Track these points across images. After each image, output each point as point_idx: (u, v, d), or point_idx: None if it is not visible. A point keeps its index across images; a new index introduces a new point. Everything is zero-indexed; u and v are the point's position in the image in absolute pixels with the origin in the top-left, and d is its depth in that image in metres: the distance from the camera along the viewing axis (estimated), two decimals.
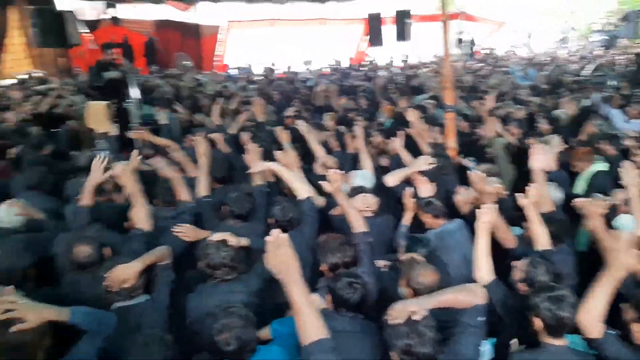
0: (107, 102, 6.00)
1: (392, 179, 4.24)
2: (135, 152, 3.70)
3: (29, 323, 2.04)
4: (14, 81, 9.80)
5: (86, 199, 3.54)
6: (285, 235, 1.89)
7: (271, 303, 3.17)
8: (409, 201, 3.93)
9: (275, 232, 1.89)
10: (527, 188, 3.20)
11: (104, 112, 5.70)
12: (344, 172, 3.36)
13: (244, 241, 3.21)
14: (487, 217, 2.87)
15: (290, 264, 1.86)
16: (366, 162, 4.84)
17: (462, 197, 3.91)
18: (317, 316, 1.89)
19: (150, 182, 4.40)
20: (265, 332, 2.66)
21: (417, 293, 2.72)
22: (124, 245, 3.26)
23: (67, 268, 3.20)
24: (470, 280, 2.85)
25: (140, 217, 3.26)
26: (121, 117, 6.31)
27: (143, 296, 2.82)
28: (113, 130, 5.64)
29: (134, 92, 6.43)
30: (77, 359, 2.22)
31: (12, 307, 2.04)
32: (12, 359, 2.03)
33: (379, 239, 3.78)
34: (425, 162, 4.25)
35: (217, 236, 2.99)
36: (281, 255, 1.84)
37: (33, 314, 2.06)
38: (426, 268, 2.85)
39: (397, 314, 2.11)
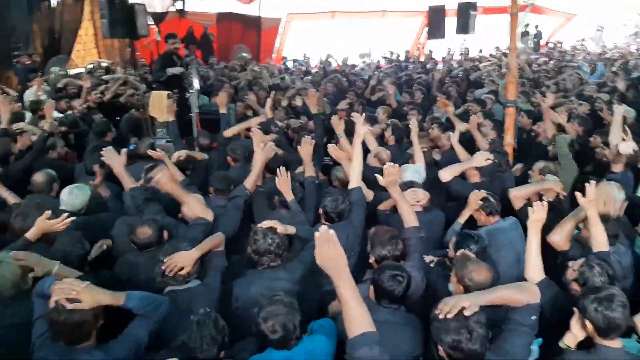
0: (169, 92, 6.22)
1: (447, 174, 4.17)
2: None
3: (84, 304, 2.16)
4: (83, 70, 10.31)
5: (127, 183, 3.76)
6: (333, 232, 1.89)
7: (315, 292, 3.23)
8: (475, 201, 3.80)
9: (324, 229, 1.89)
10: (586, 186, 3.06)
11: (165, 102, 5.90)
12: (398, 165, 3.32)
13: (290, 229, 3.26)
14: (539, 215, 2.81)
15: (338, 260, 1.86)
16: (419, 155, 4.78)
17: (517, 193, 3.79)
18: (364, 310, 1.90)
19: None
20: None
21: (467, 290, 2.67)
22: (186, 232, 3.37)
23: (125, 249, 3.36)
24: (521, 279, 2.78)
25: (198, 209, 3.37)
26: (182, 106, 6.52)
27: (195, 281, 2.90)
28: (172, 118, 5.84)
29: (195, 83, 6.62)
30: (128, 340, 2.33)
31: (72, 289, 2.18)
32: (69, 336, 2.17)
33: (428, 235, 3.73)
34: (483, 158, 4.14)
35: (265, 223, 3.05)
36: (329, 251, 1.85)
37: (90, 296, 2.19)
38: (480, 265, 2.79)
39: (448, 307, 2.08)
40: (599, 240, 3.00)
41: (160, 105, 6.13)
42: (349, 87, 9.61)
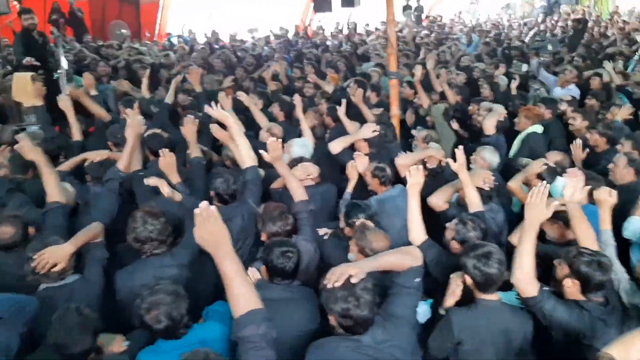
0: (33, 73, 5.61)
1: (336, 146, 4.21)
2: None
3: None
4: None
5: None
6: (214, 208, 1.81)
7: (212, 274, 3.11)
8: (352, 171, 3.95)
9: (204, 204, 1.80)
10: (456, 151, 3.23)
11: (30, 84, 5.33)
12: (281, 140, 3.28)
13: (177, 196, 3.14)
14: (416, 179, 2.93)
15: (220, 237, 1.78)
16: (306, 131, 4.82)
17: (402, 161, 3.93)
18: (250, 288, 1.84)
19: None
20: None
21: None
22: (45, 220, 3.10)
23: None
24: (410, 244, 2.89)
25: (51, 188, 3.11)
26: (51, 89, 5.92)
27: (73, 276, 2.71)
28: (40, 102, 5.30)
29: (63, 63, 6.05)
30: None
31: None
32: None
33: (322, 208, 3.78)
34: (370, 130, 4.24)
35: (152, 181, 2.91)
36: (210, 227, 1.77)
37: None
38: (378, 233, 2.86)
39: (335, 277, 2.09)
40: (473, 201, 3.21)
41: (25, 89, 5.54)
42: (238, 63, 9.36)
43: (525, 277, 2.37)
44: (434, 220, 3.31)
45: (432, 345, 2.51)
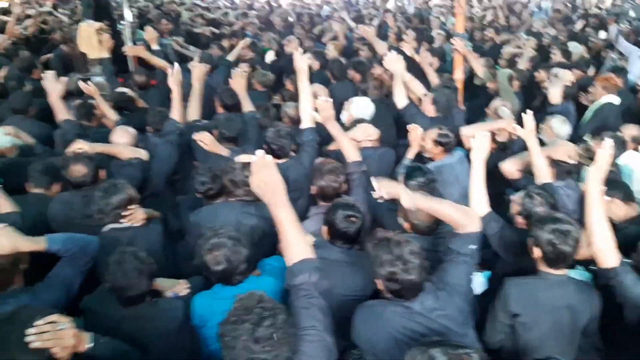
0: (99, 23, 5.73)
1: (400, 99, 4.08)
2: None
3: (3, 249, 1.99)
4: (5, 4, 9.36)
5: (61, 113, 3.49)
6: (270, 157, 1.82)
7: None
8: (415, 136, 3.77)
9: (260, 152, 1.81)
10: (524, 116, 3.04)
11: (95, 36, 5.45)
12: (331, 100, 3.19)
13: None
14: (481, 145, 2.73)
15: (276, 186, 1.79)
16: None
17: (468, 132, 3.76)
18: (303, 237, 1.84)
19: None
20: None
21: (414, 227, 2.62)
22: (120, 170, 3.20)
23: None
24: None
25: (128, 152, 3.25)
26: (114, 40, 6.04)
27: None
28: (106, 54, 5.42)
29: (127, 15, 6.13)
30: (56, 282, 2.20)
31: None
32: None
33: (378, 171, 3.68)
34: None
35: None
36: (266, 176, 1.78)
37: (8, 241, 2.02)
38: None
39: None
40: (541, 171, 3.02)
41: (90, 40, 5.66)
42: (297, 22, 9.25)
43: (605, 244, 2.23)
44: (497, 193, 3.15)
45: (487, 326, 2.43)
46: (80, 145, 3.16)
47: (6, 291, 2.07)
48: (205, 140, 3.42)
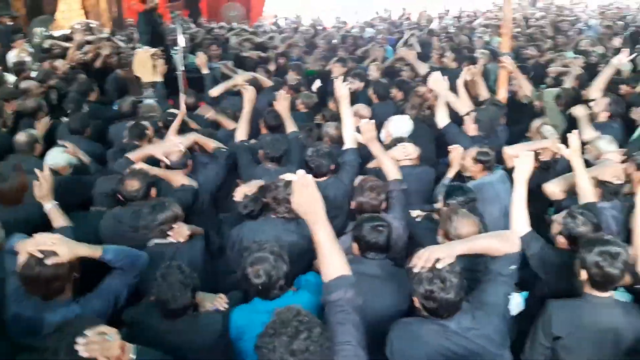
0: (155, 49, 6.04)
1: (442, 118, 4.11)
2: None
3: (62, 257, 2.12)
4: (68, 31, 10.01)
5: (136, 158, 3.64)
6: (310, 176, 1.87)
7: None
8: (456, 155, 3.77)
9: (301, 172, 1.86)
10: (569, 136, 2.99)
11: (150, 61, 5.74)
12: (373, 121, 3.27)
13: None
14: (525, 165, 2.68)
15: (316, 204, 1.84)
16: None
17: (512, 151, 3.72)
18: (340, 255, 1.88)
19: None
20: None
21: None
22: (174, 193, 3.36)
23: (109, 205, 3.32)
24: None
25: (181, 180, 3.42)
26: (167, 65, 6.35)
27: None
28: (159, 78, 5.69)
29: (181, 41, 6.43)
30: (105, 293, 2.30)
31: (49, 241, 2.13)
32: (43, 290, 2.13)
33: (417, 190, 3.71)
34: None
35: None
36: (307, 195, 1.83)
37: (67, 248, 2.14)
38: (467, 218, 2.70)
39: (422, 261, 2.02)
40: (586, 192, 2.94)
41: (145, 65, 5.98)
42: (340, 44, 9.40)
43: None
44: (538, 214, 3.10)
45: (526, 348, 2.38)
46: (140, 165, 3.34)
47: (57, 300, 2.19)
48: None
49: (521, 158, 2.70)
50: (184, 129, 4.68)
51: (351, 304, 1.83)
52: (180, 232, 2.84)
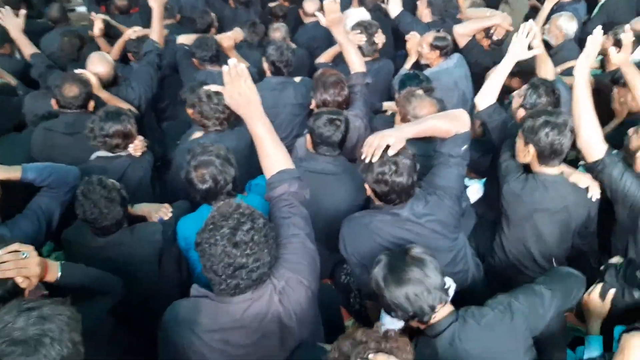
0: None
1: (394, 6, 3.83)
2: None
3: None
4: None
5: (27, 48, 3.40)
6: (243, 66, 1.68)
7: None
8: (413, 43, 3.56)
9: (232, 62, 1.68)
10: (622, 35, 2.52)
11: None
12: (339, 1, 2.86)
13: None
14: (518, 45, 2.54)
15: (251, 97, 1.69)
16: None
17: (462, 30, 3.52)
18: (281, 149, 1.76)
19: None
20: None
21: None
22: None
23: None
24: None
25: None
26: None
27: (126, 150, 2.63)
28: None
29: None
30: (34, 213, 2.11)
31: None
32: None
33: (376, 84, 3.50)
34: None
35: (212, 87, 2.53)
36: (240, 87, 1.67)
37: None
38: (424, 99, 2.54)
39: (372, 149, 1.85)
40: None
41: None
42: None
43: (591, 136, 2.10)
44: None
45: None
46: (82, 71, 2.99)
47: None
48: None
49: (518, 41, 2.54)
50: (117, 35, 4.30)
51: (297, 197, 1.74)
52: (140, 147, 2.61)
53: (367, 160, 1.87)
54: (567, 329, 2.08)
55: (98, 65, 3.13)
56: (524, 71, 2.97)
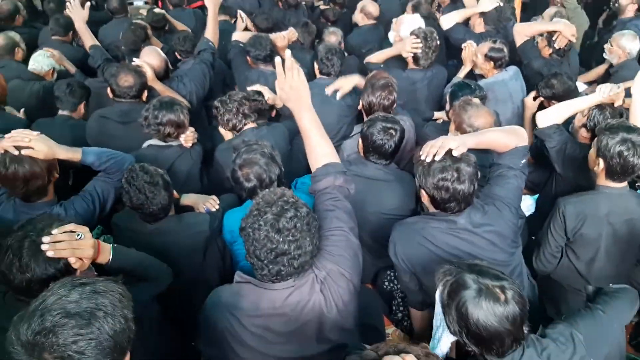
0: None
1: (448, 20, 3.80)
2: None
3: (39, 153, 1.94)
4: None
5: (88, 40, 3.46)
6: (295, 62, 1.71)
7: None
8: (469, 52, 3.48)
9: (288, 53, 1.69)
10: None
11: None
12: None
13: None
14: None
15: (302, 90, 1.71)
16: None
17: (522, 28, 3.43)
18: (327, 143, 1.77)
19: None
20: None
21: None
22: None
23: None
24: None
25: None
26: None
27: (177, 141, 2.68)
28: None
29: None
30: (90, 196, 2.14)
31: (25, 136, 1.94)
32: (22, 190, 1.97)
33: (428, 93, 3.48)
34: (490, 2, 3.74)
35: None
36: (293, 80, 1.69)
37: (45, 146, 1.97)
38: (481, 109, 2.48)
39: (434, 149, 1.81)
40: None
41: None
42: None
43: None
44: None
45: (540, 250, 2.25)
46: (146, 69, 3.06)
47: (39, 202, 2.04)
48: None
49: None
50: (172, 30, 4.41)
51: (341, 192, 1.73)
52: (191, 137, 2.67)
53: (427, 160, 1.82)
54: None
55: (151, 57, 3.20)
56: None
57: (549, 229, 2.21)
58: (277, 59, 1.67)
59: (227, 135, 2.82)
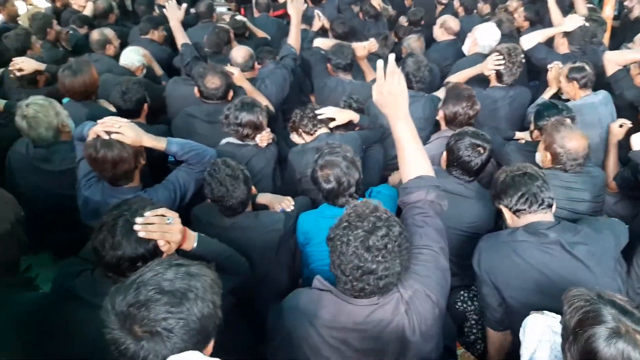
0: None
1: (529, 40, 3.67)
2: None
3: (126, 138, 2.03)
4: None
5: (180, 38, 3.61)
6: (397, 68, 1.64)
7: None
8: (555, 73, 3.35)
9: (391, 57, 1.63)
10: None
11: None
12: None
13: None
14: None
15: (400, 97, 1.63)
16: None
17: (613, 57, 3.23)
18: (422, 154, 1.69)
19: None
20: None
21: (556, 159, 2.32)
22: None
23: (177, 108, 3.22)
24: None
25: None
26: None
27: (253, 141, 2.73)
28: None
29: None
30: (172, 185, 2.20)
31: (116, 122, 2.05)
32: (110, 173, 2.06)
33: (510, 114, 3.37)
34: (574, 22, 3.60)
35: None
36: (392, 86, 1.61)
37: (133, 133, 2.06)
38: (575, 131, 2.35)
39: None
40: None
41: None
42: None
43: None
44: None
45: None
46: (233, 70, 3.18)
47: (125, 187, 2.12)
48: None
49: None
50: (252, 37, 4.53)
51: (433, 207, 1.64)
52: (266, 137, 2.71)
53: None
54: None
55: (239, 53, 3.37)
56: None
57: (635, 258, 2.04)
58: (380, 62, 1.62)
59: (299, 141, 2.84)
